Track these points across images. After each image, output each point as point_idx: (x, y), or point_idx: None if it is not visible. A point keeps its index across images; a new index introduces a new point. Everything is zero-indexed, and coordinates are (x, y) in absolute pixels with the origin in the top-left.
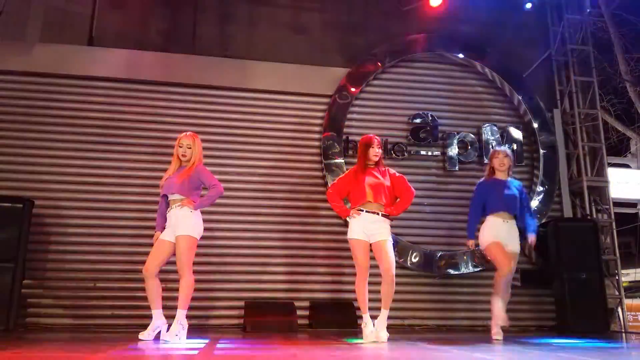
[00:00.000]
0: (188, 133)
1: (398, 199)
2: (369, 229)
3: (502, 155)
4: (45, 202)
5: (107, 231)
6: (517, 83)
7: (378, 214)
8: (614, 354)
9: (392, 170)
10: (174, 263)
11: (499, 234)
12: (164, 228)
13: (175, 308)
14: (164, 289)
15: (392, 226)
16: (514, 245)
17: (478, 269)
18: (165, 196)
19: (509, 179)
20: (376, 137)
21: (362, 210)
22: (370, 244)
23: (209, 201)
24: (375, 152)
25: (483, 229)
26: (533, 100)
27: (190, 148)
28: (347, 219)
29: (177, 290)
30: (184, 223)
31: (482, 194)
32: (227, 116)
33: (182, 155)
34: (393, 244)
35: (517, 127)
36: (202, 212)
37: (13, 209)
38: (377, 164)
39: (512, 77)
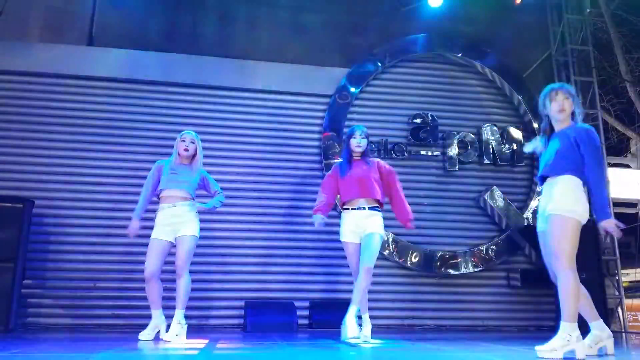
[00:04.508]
0: (188, 132)
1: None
2: (359, 225)
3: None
4: (45, 202)
5: (107, 231)
6: (517, 83)
7: (365, 208)
8: (614, 354)
9: (382, 163)
10: (168, 263)
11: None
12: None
13: (172, 308)
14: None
15: (392, 226)
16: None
17: (478, 269)
18: (156, 184)
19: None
20: (360, 127)
21: (349, 209)
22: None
23: (216, 207)
24: (357, 142)
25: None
26: (533, 100)
27: (193, 143)
28: (313, 217)
29: (173, 289)
30: (188, 223)
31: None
32: (227, 116)
33: (185, 149)
34: (393, 243)
35: (517, 127)
36: (202, 212)
37: (13, 209)
38: (363, 155)
39: (512, 77)
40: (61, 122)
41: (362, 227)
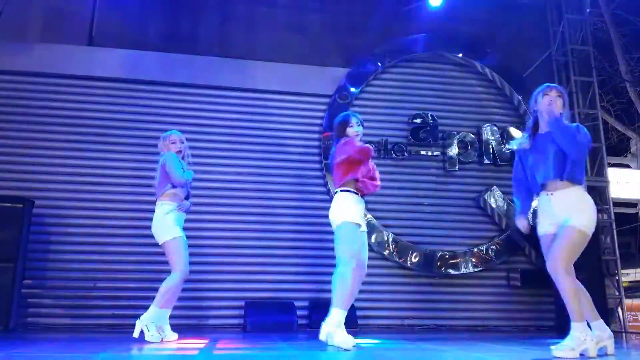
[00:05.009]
0: (176, 132)
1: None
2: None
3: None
4: (45, 202)
5: (107, 231)
6: (517, 83)
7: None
8: (614, 355)
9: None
10: (158, 262)
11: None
12: None
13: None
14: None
15: (391, 226)
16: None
17: (478, 269)
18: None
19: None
20: (354, 114)
21: (357, 194)
22: None
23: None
24: (355, 130)
25: None
26: None
27: (182, 143)
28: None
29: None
30: None
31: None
32: (227, 116)
33: (179, 151)
34: (393, 243)
35: (517, 127)
36: (202, 212)
37: (13, 209)
38: None
39: (512, 77)
40: (61, 122)
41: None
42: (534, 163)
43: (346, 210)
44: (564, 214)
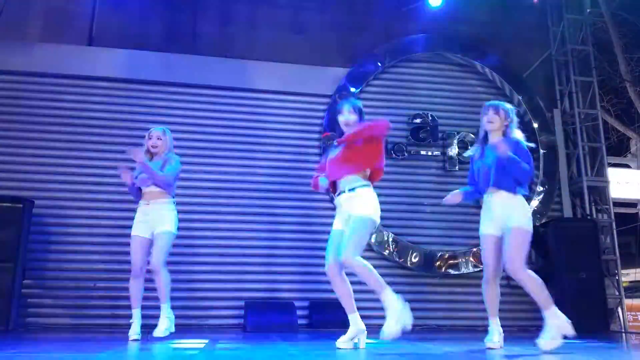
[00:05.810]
0: (159, 127)
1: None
2: (343, 213)
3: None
4: (45, 202)
5: (107, 231)
6: (517, 83)
7: (344, 191)
8: (614, 354)
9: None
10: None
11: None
12: None
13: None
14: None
15: (391, 226)
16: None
17: (478, 269)
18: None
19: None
20: (349, 102)
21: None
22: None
23: (150, 173)
24: (345, 119)
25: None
26: (533, 100)
27: (160, 139)
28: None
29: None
30: (164, 219)
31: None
32: (227, 116)
33: (153, 146)
34: (393, 243)
35: (517, 127)
36: (203, 212)
37: (13, 209)
38: None
39: (512, 77)
40: (61, 122)
41: (345, 213)
42: (479, 171)
43: None
44: (504, 215)
